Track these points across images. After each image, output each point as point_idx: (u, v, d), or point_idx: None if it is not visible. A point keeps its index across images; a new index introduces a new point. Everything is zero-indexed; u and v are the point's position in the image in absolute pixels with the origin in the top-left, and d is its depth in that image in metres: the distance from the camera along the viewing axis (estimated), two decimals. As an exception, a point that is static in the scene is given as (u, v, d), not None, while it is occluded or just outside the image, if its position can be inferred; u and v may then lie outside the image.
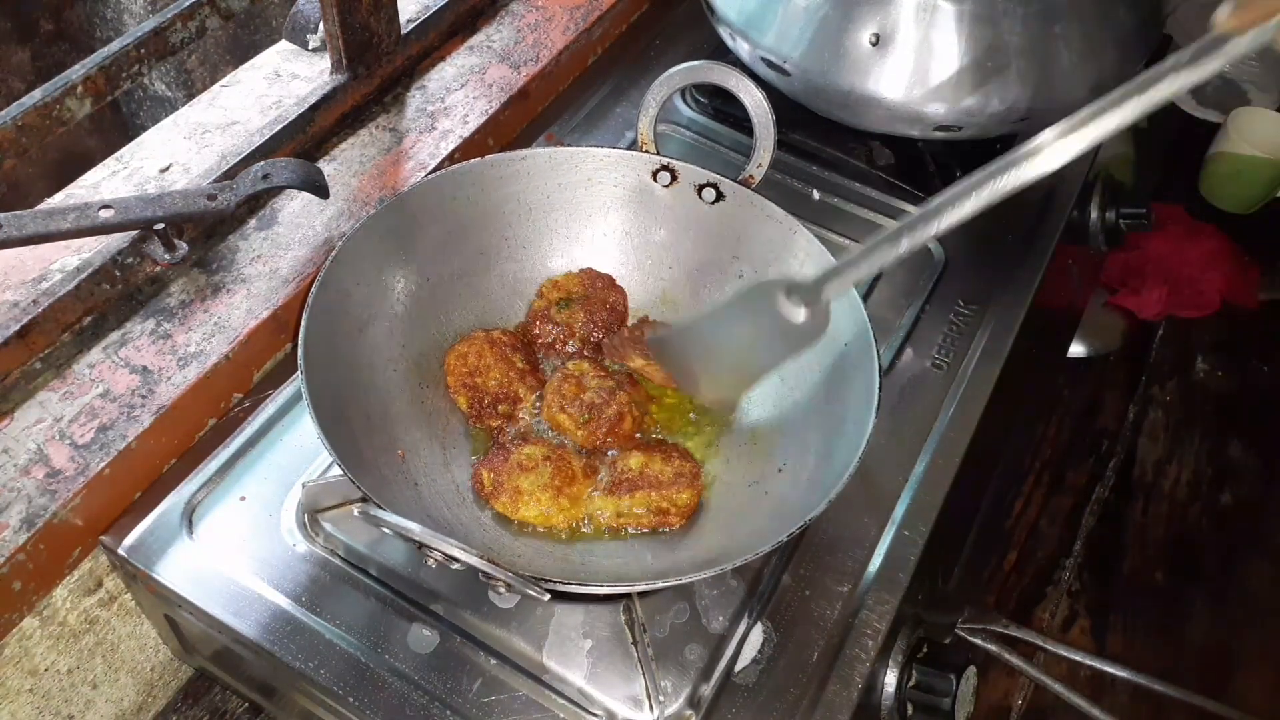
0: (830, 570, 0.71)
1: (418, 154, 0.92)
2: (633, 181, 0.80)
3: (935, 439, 0.79)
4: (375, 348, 0.72)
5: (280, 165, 0.77)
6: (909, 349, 0.85)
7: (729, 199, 0.78)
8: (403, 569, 0.69)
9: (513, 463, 0.70)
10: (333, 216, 0.85)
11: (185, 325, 0.77)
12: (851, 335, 0.70)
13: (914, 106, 0.85)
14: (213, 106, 0.92)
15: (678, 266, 0.82)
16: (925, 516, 0.74)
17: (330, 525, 0.71)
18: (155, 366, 0.74)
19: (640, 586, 0.64)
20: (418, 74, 1.00)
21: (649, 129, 0.79)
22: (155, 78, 1.57)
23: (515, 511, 0.68)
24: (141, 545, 0.69)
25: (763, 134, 0.76)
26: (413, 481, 0.68)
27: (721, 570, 0.59)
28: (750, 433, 0.75)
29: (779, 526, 0.60)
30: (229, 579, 0.68)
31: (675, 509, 0.69)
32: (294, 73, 0.96)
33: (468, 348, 0.75)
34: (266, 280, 0.80)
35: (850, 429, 0.65)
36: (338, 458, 0.59)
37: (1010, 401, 0.92)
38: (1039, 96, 0.85)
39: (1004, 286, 0.91)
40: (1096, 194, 1.07)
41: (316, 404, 0.61)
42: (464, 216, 0.78)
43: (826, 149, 0.99)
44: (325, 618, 0.67)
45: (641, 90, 0.80)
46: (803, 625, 0.68)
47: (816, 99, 0.91)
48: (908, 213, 0.96)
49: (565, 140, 1.00)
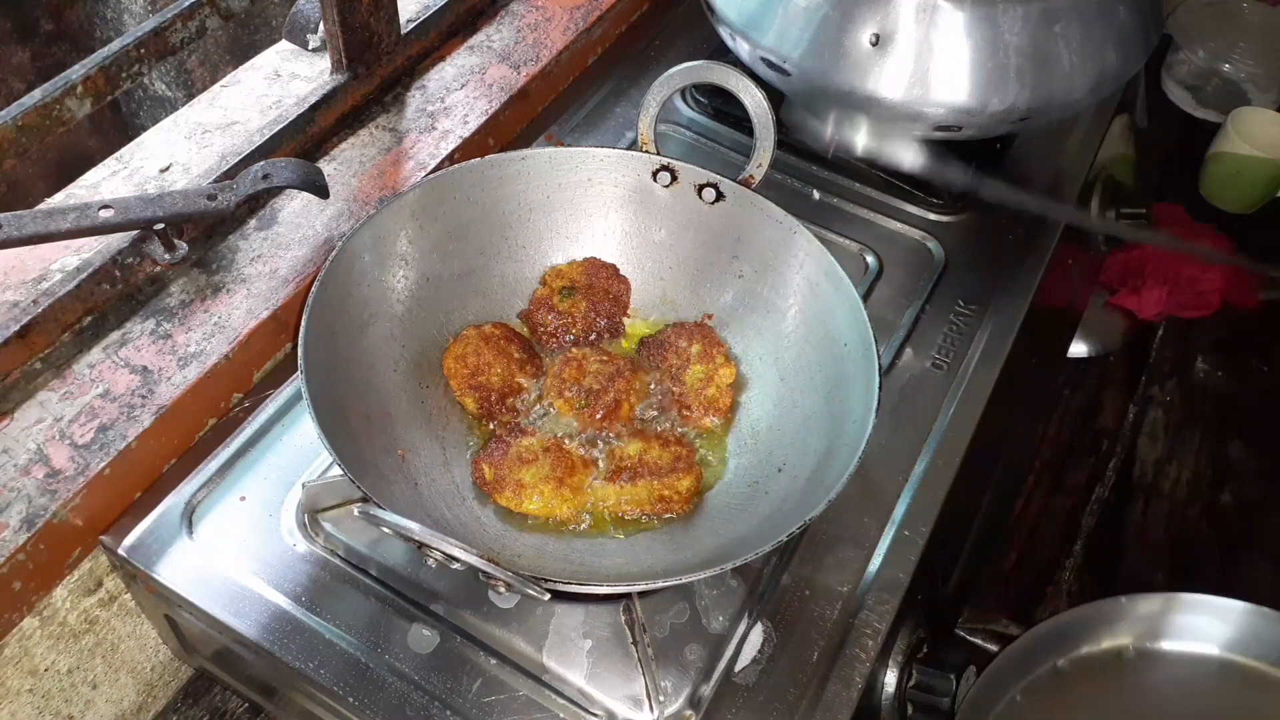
0: (830, 570, 0.71)
1: (418, 154, 0.92)
2: (632, 181, 0.80)
3: (935, 439, 0.79)
4: (375, 348, 0.72)
5: (280, 165, 0.77)
6: (909, 349, 0.85)
7: (729, 199, 0.78)
8: (403, 569, 0.69)
9: (512, 456, 0.70)
10: (333, 216, 0.85)
11: (185, 325, 0.77)
12: (851, 335, 0.70)
13: (914, 106, 0.85)
14: (213, 106, 0.92)
15: (678, 267, 0.82)
16: (925, 516, 0.74)
17: (330, 525, 0.71)
18: (155, 366, 0.74)
19: (640, 586, 0.64)
20: (418, 74, 1.00)
21: (649, 129, 0.79)
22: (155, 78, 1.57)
23: (519, 505, 0.69)
24: (141, 545, 0.69)
25: (763, 134, 0.76)
26: (413, 481, 0.69)
27: (721, 570, 0.59)
28: (751, 432, 0.75)
29: (779, 526, 0.61)
30: (229, 579, 0.68)
31: (677, 496, 0.69)
32: (294, 73, 0.96)
33: (463, 348, 0.75)
34: (266, 280, 0.80)
35: (850, 429, 0.65)
36: (337, 458, 0.59)
37: (1010, 401, 0.92)
38: (1039, 96, 0.85)
39: (1004, 286, 0.91)
40: (1096, 194, 1.07)
41: (316, 404, 0.61)
42: (464, 216, 0.78)
43: (826, 149, 0.99)
44: (325, 618, 0.67)
45: (641, 90, 0.80)
46: (803, 625, 0.68)
47: (817, 99, 0.91)
48: (908, 212, 0.97)
49: (565, 140, 1.00)
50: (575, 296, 0.80)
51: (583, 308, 0.79)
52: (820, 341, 0.73)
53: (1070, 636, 0.80)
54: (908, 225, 0.95)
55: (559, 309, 0.79)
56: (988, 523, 1.19)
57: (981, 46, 0.83)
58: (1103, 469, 1.31)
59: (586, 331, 0.80)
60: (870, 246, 0.92)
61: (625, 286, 0.82)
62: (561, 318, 0.79)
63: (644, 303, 0.83)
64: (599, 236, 0.82)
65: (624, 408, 0.74)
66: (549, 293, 0.80)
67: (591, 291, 0.80)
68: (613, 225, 0.82)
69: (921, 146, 0.93)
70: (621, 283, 0.82)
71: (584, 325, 0.79)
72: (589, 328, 0.80)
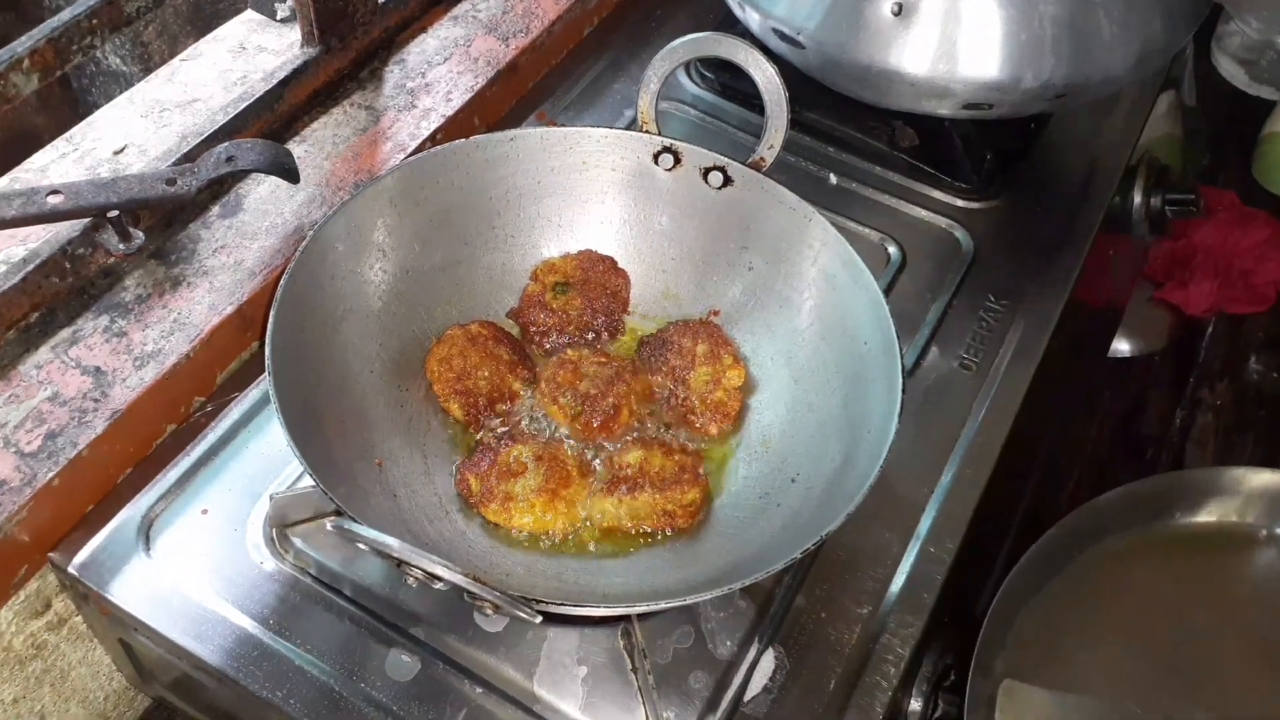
0: (848, 590, 0.71)
1: (396, 134, 0.92)
2: (632, 165, 0.80)
3: (964, 446, 0.79)
4: (350, 347, 0.72)
5: (246, 147, 0.77)
6: (935, 348, 0.85)
7: (737, 184, 0.78)
8: (380, 589, 0.69)
9: (501, 466, 0.70)
10: (303, 203, 0.85)
11: (142, 322, 0.77)
12: (871, 333, 0.70)
13: (940, 82, 0.85)
14: (171, 82, 0.92)
15: (681, 259, 0.82)
16: (953, 531, 0.74)
17: (300, 541, 0.71)
18: (109, 367, 0.74)
19: (640, 608, 0.64)
20: (396, 47, 1.00)
21: (650, 107, 0.79)
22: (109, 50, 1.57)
23: (508, 519, 0.69)
24: (94, 563, 0.69)
25: (774, 113, 0.76)
26: (391, 492, 0.69)
27: (729, 590, 0.59)
28: (761, 439, 0.75)
29: (792, 542, 0.61)
30: (189, 599, 0.68)
31: (681, 509, 0.69)
32: (261, 45, 0.96)
33: (448, 350, 0.75)
34: (231, 273, 0.80)
35: (870, 435, 0.65)
36: (309, 467, 0.59)
37: (1045, 405, 0.93)
38: (1077, 71, 0.85)
39: (1039, 279, 0.91)
40: (1140, 178, 1.07)
41: (286, 408, 0.61)
42: (447, 203, 0.78)
43: (844, 129, 0.99)
44: (295, 642, 0.67)
45: (642, 65, 0.80)
46: (818, 650, 0.68)
47: (833, 74, 0.91)
48: (933, 198, 0.97)
49: (558, 119, 1.00)
50: (569, 293, 0.80)
51: (577, 305, 0.79)
52: (838, 340, 0.73)
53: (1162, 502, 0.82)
54: (933, 212, 0.95)
55: (552, 306, 0.79)
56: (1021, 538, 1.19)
57: (1014, 16, 0.83)
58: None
59: (582, 331, 0.80)
60: (892, 235, 0.92)
61: (624, 281, 0.82)
62: (554, 316, 0.79)
63: (645, 299, 0.83)
64: (595, 226, 0.82)
65: (623, 414, 0.74)
66: (541, 289, 0.80)
67: (587, 287, 0.80)
68: (610, 213, 0.82)
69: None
70: (620, 277, 0.82)
71: (579, 324, 0.79)
72: (584, 326, 0.80)
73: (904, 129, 0.98)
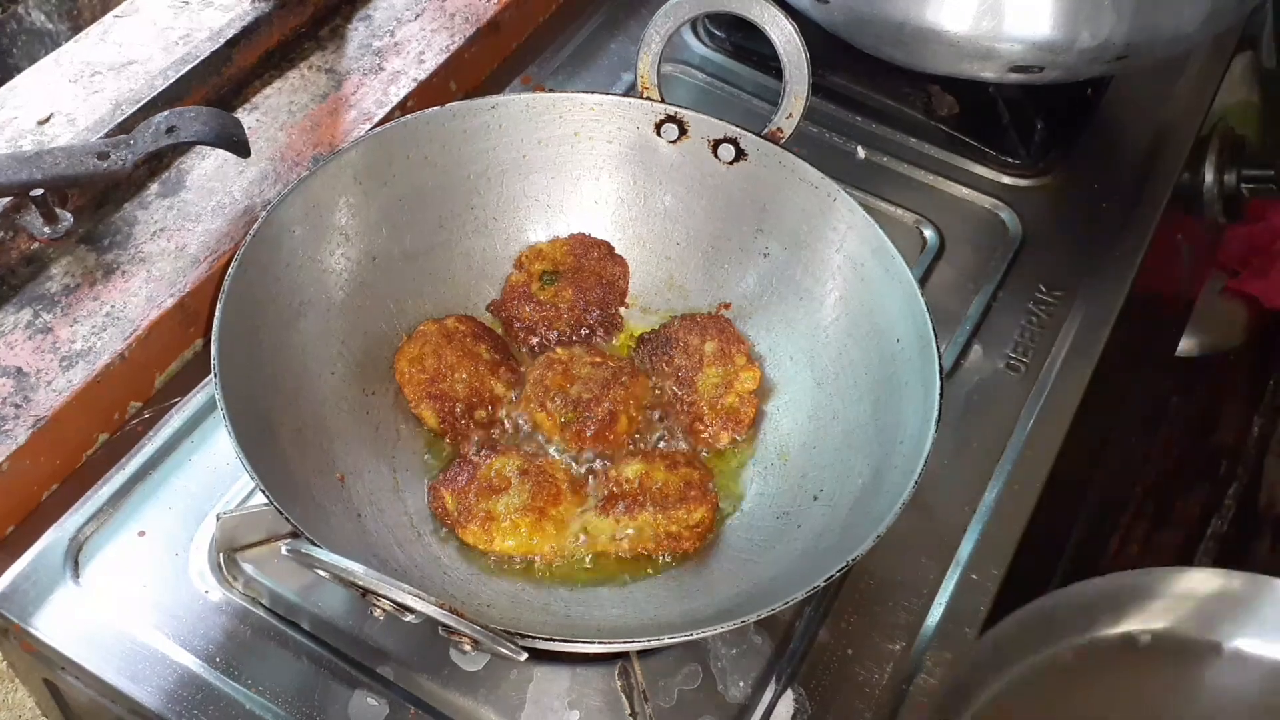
0: (879, 624, 0.71)
1: (361, 101, 0.92)
2: (631, 136, 0.80)
3: (1010, 459, 0.79)
4: (309, 345, 0.72)
5: (189, 116, 0.77)
6: (977, 346, 0.85)
7: (752, 158, 0.78)
8: (343, 622, 0.69)
9: (481, 481, 0.70)
10: (254, 180, 0.85)
11: (70, 316, 0.77)
12: (905, 329, 0.70)
13: (984, 42, 0.85)
14: (104, 42, 0.92)
15: (687, 243, 0.82)
16: (998, 556, 0.74)
17: (251, 567, 0.71)
18: (32, 368, 0.74)
19: (640, 644, 0.64)
20: (361, 2, 1.00)
21: (651, 70, 0.79)
22: (32, 5, 1.57)
23: (488, 543, 0.69)
24: (15, 593, 0.69)
25: (794, 77, 0.76)
26: (355, 512, 0.69)
27: (742, 623, 0.59)
28: (779, 451, 0.75)
29: (814, 569, 0.61)
30: (124, 634, 0.68)
31: (687, 530, 0.69)
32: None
33: (420, 348, 0.75)
34: (172, 260, 0.80)
35: (904, 447, 0.65)
36: (261, 482, 0.59)
37: (1104, 412, 0.93)
38: (1140, 29, 0.85)
39: (1096, 268, 0.91)
40: (1212, 152, 1.07)
41: (234, 415, 0.61)
42: (419, 180, 0.78)
43: (874, 95, 0.99)
44: (245, 683, 0.67)
45: (641, 21, 0.80)
46: (844, 692, 0.68)
47: (862, 32, 0.92)
48: (976, 174, 0.97)
49: (546, 85, 1.00)
50: (559, 283, 0.80)
51: (568, 297, 0.80)
52: (866, 337, 0.73)
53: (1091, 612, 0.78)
54: (976, 191, 0.95)
55: (539, 299, 0.80)
56: (1075, 565, 1.19)
57: (1068, -33, 0.83)
58: (1220, 497, 1.31)
59: (573, 326, 0.80)
60: (929, 218, 0.93)
61: (621, 269, 0.82)
62: (542, 309, 0.79)
63: (645, 290, 0.83)
64: (588, 206, 0.83)
65: (620, 422, 0.74)
66: (526, 278, 0.81)
67: (579, 276, 0.80)
68: (605, 191, 0.82)
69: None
70: (616, 265, 0.82)
71: (570, 319, 0.80)
72: (576, 322, 0.80)
73: (942, 95, 0.99)
